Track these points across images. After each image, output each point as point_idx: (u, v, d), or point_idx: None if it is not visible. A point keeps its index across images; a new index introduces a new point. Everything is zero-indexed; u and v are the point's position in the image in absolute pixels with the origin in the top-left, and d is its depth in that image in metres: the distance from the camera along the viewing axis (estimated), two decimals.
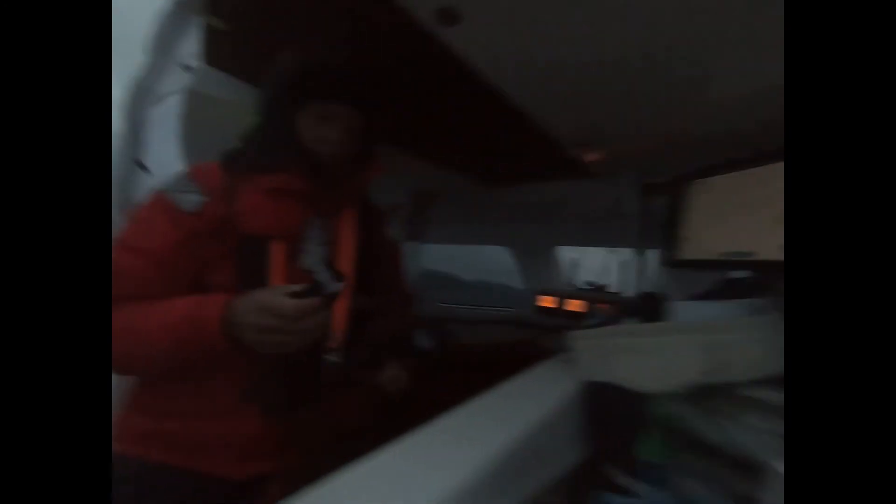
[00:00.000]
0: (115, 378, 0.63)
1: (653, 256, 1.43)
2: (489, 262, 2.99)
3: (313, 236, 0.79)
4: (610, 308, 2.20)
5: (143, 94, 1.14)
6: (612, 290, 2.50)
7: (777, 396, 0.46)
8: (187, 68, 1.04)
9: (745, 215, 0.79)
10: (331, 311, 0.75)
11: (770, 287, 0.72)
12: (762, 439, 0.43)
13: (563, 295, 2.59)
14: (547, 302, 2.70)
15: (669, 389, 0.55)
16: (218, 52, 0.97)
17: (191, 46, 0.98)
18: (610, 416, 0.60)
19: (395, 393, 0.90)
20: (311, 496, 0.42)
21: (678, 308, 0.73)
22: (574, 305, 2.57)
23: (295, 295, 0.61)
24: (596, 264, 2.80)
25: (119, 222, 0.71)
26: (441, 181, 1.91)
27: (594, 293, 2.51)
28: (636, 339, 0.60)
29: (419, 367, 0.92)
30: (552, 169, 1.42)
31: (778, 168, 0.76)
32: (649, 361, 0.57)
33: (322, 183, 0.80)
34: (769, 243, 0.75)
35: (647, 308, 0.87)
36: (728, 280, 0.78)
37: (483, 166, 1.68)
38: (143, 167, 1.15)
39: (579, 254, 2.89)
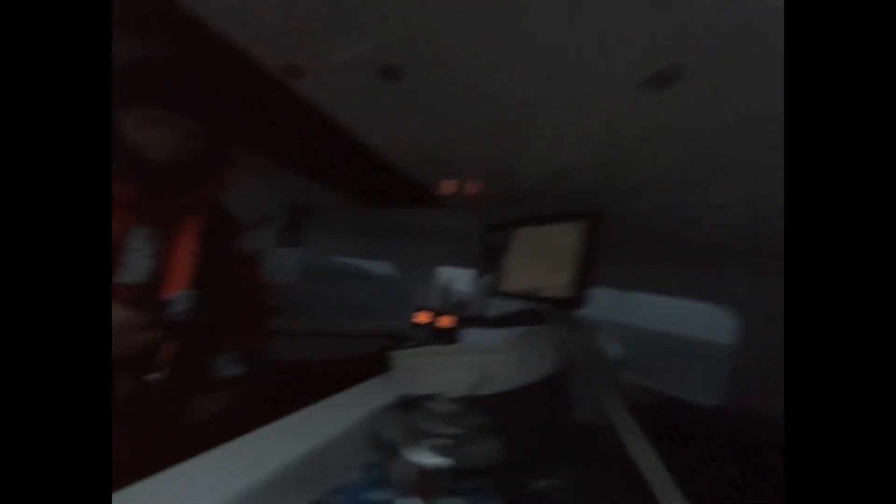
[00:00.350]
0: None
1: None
2: (371, 276, 3.03)
3: (137, 248, 0.75)
4: (473, 324, 2.44)
5: None
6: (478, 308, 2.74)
7: (445, 406, 0.62)
8: None
9: (539, 260, 1.01)
10: (167, 331, 0.72)
11: (548, 316, 0.93)
12: (410, 435, 0.59)
13: (437, 312, 2.77)
14: (422, 318, 2.86)
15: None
16: None
17: None
18: None
19: (205, 417, 0.88)
20: None
21: (470, 333, 0.89)
22: (445, 322, 2.77)
23: (128, 305, 0.58)
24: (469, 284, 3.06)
25: None
26: (322, 196, 1.92)
27: (461, 310, 2.74)
28: (430, 358, 0.73)
29: (233, 392, 0.91)
30: (412, 197, 1.56)
31: (561, 227, 0.99)
32: (437, 378, 0.70)
33: (153, 190, 0.76)
34: (552, 283, 0.96)
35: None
36: (520, 310, 0.97)
37: (358, 187, 1.75)
38: None
39: (457, 274, 3.13)
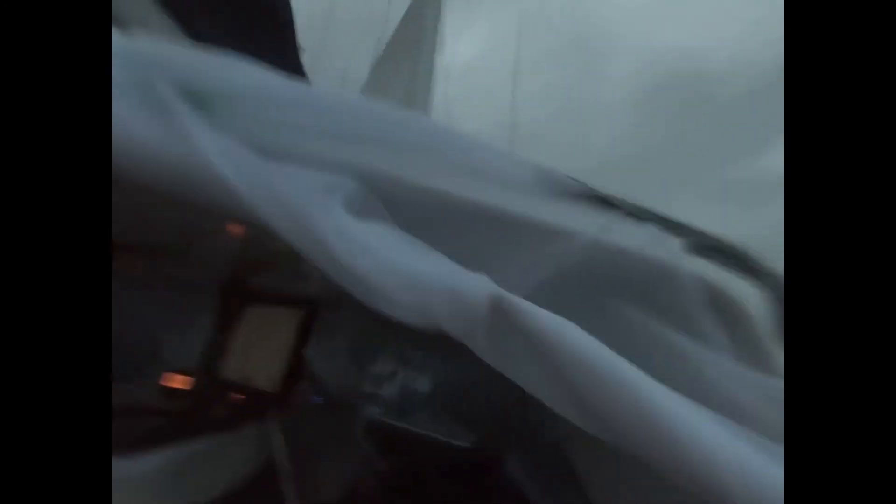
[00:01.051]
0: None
1: None
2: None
3: None
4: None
5: None
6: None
7: None
8: None
9: (259, 346, 0.96)
10: None
11: (254, 416, 0.87)
12: None
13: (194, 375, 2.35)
14: (175, 382, 2.37)
15: None
16: None
17: None
18: None
19: None
20: None
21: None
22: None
23: None
24: None
25: None
26: None
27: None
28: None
29: None
30: None
31: (282, 312, 0.97)
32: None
33: None
34: (265, 374, 0.92)
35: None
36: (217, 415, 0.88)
37: None
38: None
39: None
